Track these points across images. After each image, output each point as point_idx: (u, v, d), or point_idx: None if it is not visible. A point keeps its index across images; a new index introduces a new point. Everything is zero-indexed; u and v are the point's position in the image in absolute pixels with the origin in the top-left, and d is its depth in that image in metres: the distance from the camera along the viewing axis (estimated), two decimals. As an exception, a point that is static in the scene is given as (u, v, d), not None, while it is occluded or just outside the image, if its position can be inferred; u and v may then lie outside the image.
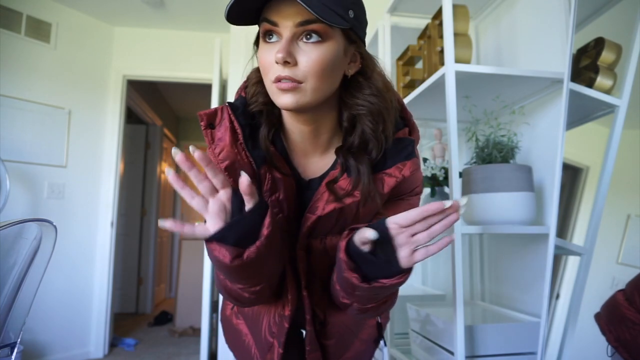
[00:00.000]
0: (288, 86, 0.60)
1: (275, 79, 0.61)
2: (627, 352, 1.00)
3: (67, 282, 2.82)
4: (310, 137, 0.71)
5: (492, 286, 1.59)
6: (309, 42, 0.60)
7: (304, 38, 0.60)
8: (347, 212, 0.69)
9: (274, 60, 0.60)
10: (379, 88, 0.68)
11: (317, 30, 0.60)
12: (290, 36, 0.59)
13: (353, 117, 0.68)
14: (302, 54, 0.60)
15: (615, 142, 1.13)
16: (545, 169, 1.31)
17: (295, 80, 0.60)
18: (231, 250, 0.58)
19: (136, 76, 3.22)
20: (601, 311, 1.09)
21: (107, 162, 3.08)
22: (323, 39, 0.60)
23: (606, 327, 1.05)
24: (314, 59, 0.60)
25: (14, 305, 1.35)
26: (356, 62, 0.68)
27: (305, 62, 0.60)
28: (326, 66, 0.61)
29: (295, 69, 0.60)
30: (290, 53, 0.59)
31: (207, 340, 2.38)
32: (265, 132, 0.69)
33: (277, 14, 0.60)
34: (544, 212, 1.30)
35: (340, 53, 0.63)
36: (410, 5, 1.64)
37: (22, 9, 2.64)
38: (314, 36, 0.60)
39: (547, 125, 1.32)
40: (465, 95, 1.33)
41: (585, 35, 1.25)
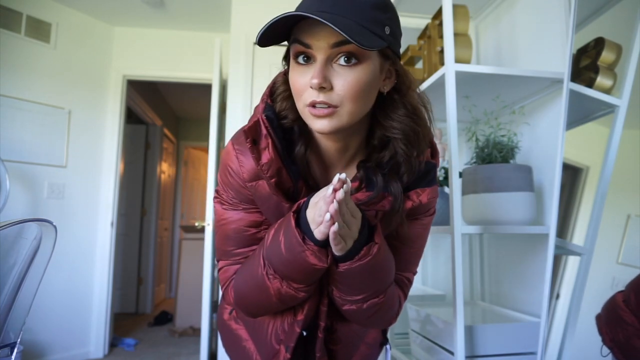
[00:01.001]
0: (324, 112, 0.58)
1: (309, 104, 0.58)
2: (621, 353, 1.00)
3: (67, 282, 2.82)
4: (337, 153, 0.69)
5: (492, 286, 1.59)
6: (347, 64, 0.57)
7: (339, 60, 0.58)
8: None
9: (309, 85, 0.57)
10: (414, 106, 0.65)
11: (352, 52, 0.57)
12: (324, 59, 0.57)
13: (385, 137, 0.66)
14: (337, 77, 0.57)
15: (615, 142, 1.13)
16: (545, 169, 1.31)
17: (332, 105, 0.57)
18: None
19: (136, 76, 3.22)
20: (601, 312, 1.10)
21: (107, 162, 3.08)
22: (359, 60, 0.58)
23: (603, 328, 1.06)
24: (350, 82, 0.57)
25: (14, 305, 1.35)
26: (391, 79, 0.65)
27: (342, 85, 0.57)
28: (363, 88, 0.58)
29: (331, 94, 0.57)
30: (326, 78, 0.57)
31: (207, 340, 2.38)
32: (303, 151, 0.67)
33: (310, 36, 0.57)
34: (544, 212, 1.30)
35: (376, 72, 0.61)
36: (410, 5, 1.64)
37: (22, 9, 2.64)
38: (351, 58, 0.57)
39: (547, 125, 1.32)
40: (465, 95, 1.33)
41: (585, 35, 1.25)
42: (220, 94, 2.60)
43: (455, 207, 1.12)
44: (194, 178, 5.78)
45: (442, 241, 1.94)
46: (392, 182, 0.65)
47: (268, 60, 2.65)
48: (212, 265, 2.43)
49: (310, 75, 0.58)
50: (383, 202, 0.65)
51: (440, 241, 1.97)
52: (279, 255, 0.61)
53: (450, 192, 1.14)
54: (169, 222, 5.31)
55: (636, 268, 1.12)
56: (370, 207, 0.65)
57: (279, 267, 0.62)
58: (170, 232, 5.37)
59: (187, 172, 5.66)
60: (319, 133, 0.62)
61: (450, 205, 1.14)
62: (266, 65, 2.66)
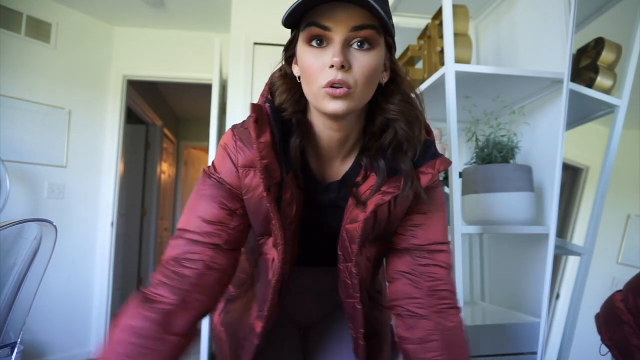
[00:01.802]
0: (342, 92, 0.59)
1: (327, 84, 0.59)
2: (619, 352, 1.00)
3: (67, 282, 2.82)
4: (337, 144, 0.70)
5: (492, 286, 1.59)
6: (361, 49, 0.60)
7: (355, 44, 0.60)
8: (380, 215, 0.69)
9: (327, 64, 0.59)
10: (409, 95, 0.69)
11: (367, 38, 0.60)
12: (343, 40, 0.59)
13: (385, 122, 0.68)
14: (354, 60, 0.60)
15: (615, 142, 1.13)
16: (545, 169, 1.31)
17: (348, 85, 0.60)
18: None
19: (136, 76, 3.22)
20: (600, 311, 1.10)
21: (107, 162, 3.08)
22: (371, 46, 0.61)
23: (602, 327, 1.06)
24: (365, 65, 0.60)
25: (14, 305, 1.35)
26: (387, 71, 0.68)
27: (358, 68, 0.60)
28: (373, 73, 0.62)
29: (349, 74, 0.60)
30: (346, 57, 0.59)
31: (207, 340, 2.38)
32: (298, 142, 0.68)
33: (330, 19, 0.59)
34: (544, 212, 1.30)
35: (382, 60, 0.64)
36: (410, 5, 1.64)
37: (22, 9, 2.64)
38: (365, 43, 0.60)
39: (547, 125, 1.32)
40: (465, 95, 1.33)
41: (585, 35, 1.25)
42: (220, 94, 2.60)
43: (455, 207, 1.12)
44: (194, 178, 5.78)
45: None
46: (399, 162, 0.66)
47: (268, 60, 2.63)
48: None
49: (326, 57, 0.60)
50: (397, 184, 0.66)
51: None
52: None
53: (450, 192, 1.14)
54: (169, 222, 5.31)
55: (636, 268, 1.12)
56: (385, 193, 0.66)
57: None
58: (170, 232, 5.36)
59: (187, 172, 5.66)
60: (333, 114, 0.62)
61: (450, 205, 1.14)
62: (266, 65, 2.65)
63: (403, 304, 0.72)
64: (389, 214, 0.70)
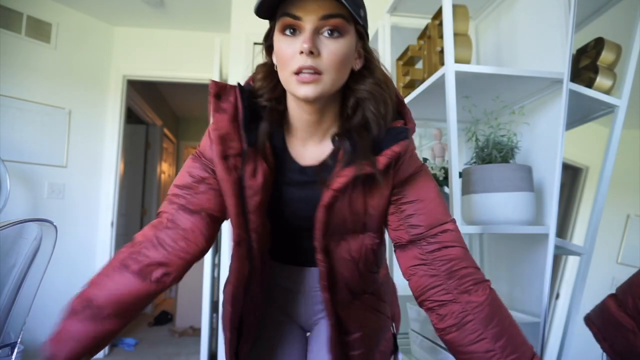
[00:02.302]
0: (310, 78, 0.63)
1: (297, 70, 0.63)
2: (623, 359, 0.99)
3: (67, 282, 2.81)
4: (312, 127, 0.73)
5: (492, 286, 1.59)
6: (331, 37, 0.64)
7: (325, 33, 0.64)
8: (354, 203, 0.71)
9: (297, 51, 0.63)
10: (380, 79, 0.72)
11: (337, 26, 0.64)
12: (313, 29, 0.63)
13: (357, 103, 0.71)
14: (323, 46, 0.64)
15: (615, 142, 1.13)
16: (545, 169, 1.31)
17: (318, 71, 0.63)
18: None
19: (136, 76, 3.22)
20: (593, 317, 1.08)
21: (107, 162, 3.08)
22: (341, 34, 0.65)
23: (600, 336, 1.04)
24: (334, 52, 0.64)
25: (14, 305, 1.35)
26: (361, 58, 0.72)
27: (327, 55, 0.64)
28: (343, 59, 0.66)
29: (318, 60, 0.64)
30: (315, 44, 0.63)
31: (207, 340, 2.38)
32: (266, 128, 0.72)
33: (300, 9, 0.63)
34: (544, 212, 1.30)
35: (352, 48, 0.68)
36: (410, 5, 1.64)
37: (22, 9, 2.64)
38: (334, 32, 0.64)
39: (547, 125, 1.33)
40: (465, 95, 1.33)
41: (585, 35, 1.25)
42: (220, 94, 2.59)
43: (455, 207, 1.12)
44: (194, 178, 5.77)
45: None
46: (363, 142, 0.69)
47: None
48: (212, 265, 2.43)
49: (297, 45, 0.64)
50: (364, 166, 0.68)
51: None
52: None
53: (450, 192, 1.14)
54: (169, 222, 5.31)
55: (636, 268, 1.12)
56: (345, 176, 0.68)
57: None
58: (170, 232, 5.36)
59: (187, 172, 5.65)
60: (304, 100, 0.66)
61: (450, 205, 1.14)
62: (266, 65, 2.66)
63: (428, 296, 0.71)
64: (365, 204, 0.71)
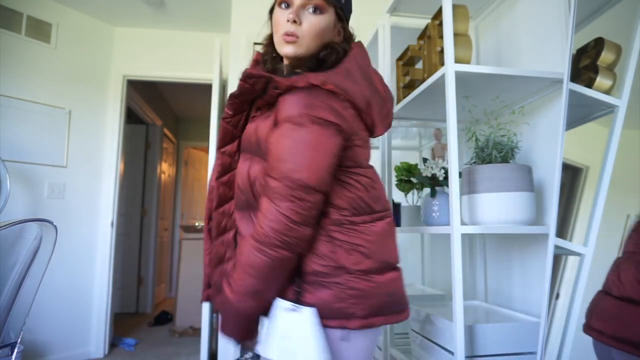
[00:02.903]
0: (291, 39, 0.87)
1: (284, 33, 0.88)
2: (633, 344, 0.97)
3: (67, 282, 2.82)
4: None
5: (492, 286, 1.59)
6: (313, 13, 0.88)
7: (308, 9, 0.88)
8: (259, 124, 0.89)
9: (286, 20, 0.87)
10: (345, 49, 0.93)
11: (317, 5, 0.88)
12: (299, 4, 0.88)
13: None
14: (305, 19, 0.88)
15: (615, 142, 1.13)
16: (545, 169, 1.31)
17: (296, 35, 0.87)
18: None
19: (136, 76, 3.22)
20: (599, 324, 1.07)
21: (107, 162, 3.08)
22: (321, 12, 0.89)
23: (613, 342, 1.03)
24: (312, 24, 0.88)
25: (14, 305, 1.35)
26: (341, 35, 0.95)
27: (307, 25, 0.88)
28: (318, 31, 0.89)
29: (299, 28, 0.87)
30: (298, 16, 0.87)
31: (207, 340, 2.38)
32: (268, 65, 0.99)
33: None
34: (544, 212, 1.30)
35: (330, 24, 0.91)
36: (410, 5, 1.64)
37: (22, 9, 2.64)
38: (316, 9, 0.88)
39: (547, 125, 1.33)
40: (465, 95, 1.33)
41: (585, 35, 1.25)
42: (220, 94, 2.59)
43: (454, 207, 1.12)
44: (194, 178, 5.78)
45: (442, 241, 1.94)
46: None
47: (268, 60, 2.64)
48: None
49: (287, 15, 0.87)
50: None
51: (439, 241, 1.97)
52: None
53: (450, 192, 1.14)
54: (169, 222, 5.32)
55: (636, 268, 1.12)
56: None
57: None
58: (170, 232, 5.37)
59: (187, 172, 5.66)
60: (286, 55, 0.91)
61: (450, 205, 1.14)
62: (266, 65, 2.66)
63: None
64: (257, 128, 0.89)
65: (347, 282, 0.82)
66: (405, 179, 1.71)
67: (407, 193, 1.74)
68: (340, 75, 0.84)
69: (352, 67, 0.88)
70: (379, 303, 0.83)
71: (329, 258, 0.83)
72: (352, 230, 0.85)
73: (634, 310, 0.97)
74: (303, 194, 0.78)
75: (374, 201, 0.88)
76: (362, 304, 0.82)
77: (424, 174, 1.42)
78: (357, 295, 0.81)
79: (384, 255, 0.87)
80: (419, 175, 1.45)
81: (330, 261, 0.83)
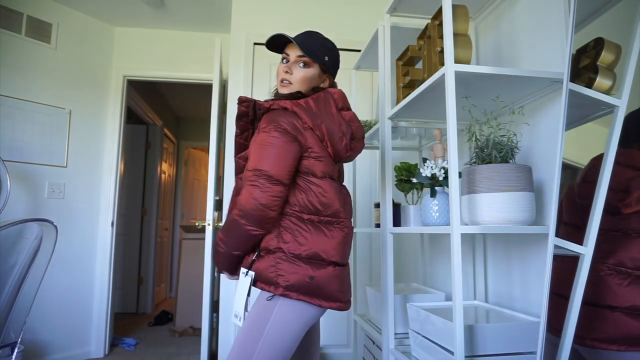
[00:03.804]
0: (285, 84, 1.23)
1: (281, 80, 1.24)
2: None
3: (67, 282, 2.82)
4: None
5: (492, 286, 1.59)
6: (301, 67, 1.24)
7: (299, 64, 1.23)
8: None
9: (283, 71, 1.23)
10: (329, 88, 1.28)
11: (305, 62, 1.23)
12: (292, 61, 1.24)
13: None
14: (295, 71, 1.24)
15: (615, 142, 1.13)
16: (545, 169, 1.31)
17: (289, 82, 1.23)
18: None
19: (136, 76, 3.22)
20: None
21: (107, 162, 3.08)
22: (308, 66, 1.24)
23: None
24: (300, 74, 1.23)
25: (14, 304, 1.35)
26: (327, 82, 1.30)
27: (296, 74, 1.23)
28: (304, 79, 1.24)
29: (291, 77, 1.23)
30: (290, 69, 1.24)
31: (208, 340, 2.38)
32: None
33: (289, 50, 1.25)
34: (543, 212, 1.30)
35: (316, 75, 1.26)
36: (410, 6, 1.64)
37: (22, 9, 2.64)
38: (303, 64, 1.23)
39: (547, 125, 1.33)
40: (465, 95, 1.33)
41: (585, 35, 1.25)
42: (220, 94, 2.60)
43: (454, 207, 1.12)
44: (194, 178, 5.78)
45: (442, 241, 1.94)
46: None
47: (268, 60, 2.65)
48: (212, 265, 2.43)
49: (284, 67, 1.23)
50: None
51: (439, 241, 1.97)
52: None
53: (450, 192, 1.14)
54: (169, 222, 5.32)
55: (636, 268, 1.12)
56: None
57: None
58: (170, 232, 5.37)
59: (187, 172, 5.66)
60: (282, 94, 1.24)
61: (450, 205, 1.14)
62: (266, 65, 2.66)
63: None
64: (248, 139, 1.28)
65: (278, 258, 1.11)
66: (405, 179, 1.71)
67: (407, 193, 1.74)
68: (303, 104, 1.17)
69: (312, 102, 1.19)
70: (299, 281, 1.09)
71: (276, 240, 1.13)
72: (296, 224, 1.13)
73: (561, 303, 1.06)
74: (267, 183, 1.07)
75: (323, 206, 1.15)
76: (284, 277, 1.09)
77: (423, 174, 1.42)
78: (282, 270, 1.10)
79: (316, 248, 1.12)
80: (418, 175, 1.45)
81: (276, 242, 1.12)
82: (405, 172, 1.71)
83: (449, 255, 1.14)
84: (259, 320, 1.10)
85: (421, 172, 1.44)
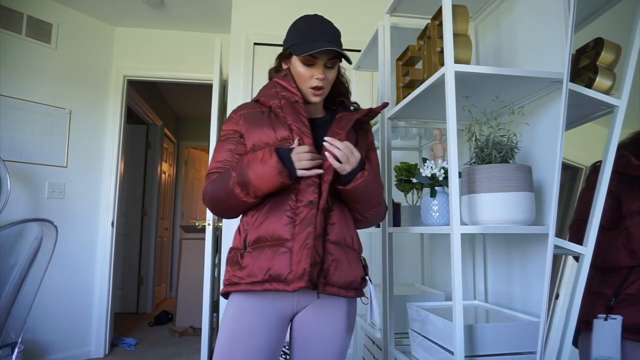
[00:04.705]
0: (320, 92, 1.18)
1: (314, 87, 1.17)
2: None
3: (67, 282, 2.82)
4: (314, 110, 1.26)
5: (492, 286, 1.59)
6: (330, 68, 1.18)
7: (327, 65, 1.17)
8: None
9: (315, 77, 1.16)
10: (347, 86, 1.33)
11: (334, 62, 1.18)
12: (323, 64, 1.16)
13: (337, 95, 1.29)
14: (327, 74, 1.17)
15: (615, 142, 1.13)
16: (545, 169, 1.31)
17: (324, 88, 1.18)
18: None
19: (136, 76, 3.22)
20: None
21: (107, 162, 3.08)
22: (333, 67, 1.19)
23: None
24: (331, 77, 1.20)
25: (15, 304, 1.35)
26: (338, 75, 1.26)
27: (329, 78, 1.18)
28: (334, 80, 1.22)
29: (325, 82, 1.17)
30: (325, 74, 1.16)
31: (208, 340, 2.38)
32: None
33: (320, 54, 1.14)
34: (543, 212, 1.30)
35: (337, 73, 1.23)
36: (410, 6, 1.64)
37: (22, 9, 2.64)
38: (333, 67, 1.19)
39: (547, 125, 1.33)
40: (465, 95, 1.33)
41: (585, 35, 1.25)
42: (220, 94, 2.60)
43: (454, 207, 1.12)
44: (194, 178, 5.78)
45: (442, 241, 1.94)
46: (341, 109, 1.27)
47: (268, 60, 2.64)
48: (212, 265, 2.43)
49: (314, 71, 1.16)
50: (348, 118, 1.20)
51: (439, 241, 1.97)
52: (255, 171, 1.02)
53: (450, 192, 1.14)
54: (169, 222, 5.32)
55: (635, 268, 1.12)
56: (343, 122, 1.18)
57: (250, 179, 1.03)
58: (170, 232, 5.37)
59: (188, 172, 5.66)
60: (314, 103, 1.21)
61: (450, 205, 1.14)
62: (266, 65, 2.64)
63: None
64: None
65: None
66: (405, 179, 1.71)
67: (407, 193, 1.74)
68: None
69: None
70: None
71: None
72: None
73: None
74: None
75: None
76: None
77: (423, 174, 1.42)
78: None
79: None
80: (418, 175, 1.45)
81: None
82: (405, 172, 1.71)
83: (449, 255, 1.14)
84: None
85: (421, 172, 1.44)
